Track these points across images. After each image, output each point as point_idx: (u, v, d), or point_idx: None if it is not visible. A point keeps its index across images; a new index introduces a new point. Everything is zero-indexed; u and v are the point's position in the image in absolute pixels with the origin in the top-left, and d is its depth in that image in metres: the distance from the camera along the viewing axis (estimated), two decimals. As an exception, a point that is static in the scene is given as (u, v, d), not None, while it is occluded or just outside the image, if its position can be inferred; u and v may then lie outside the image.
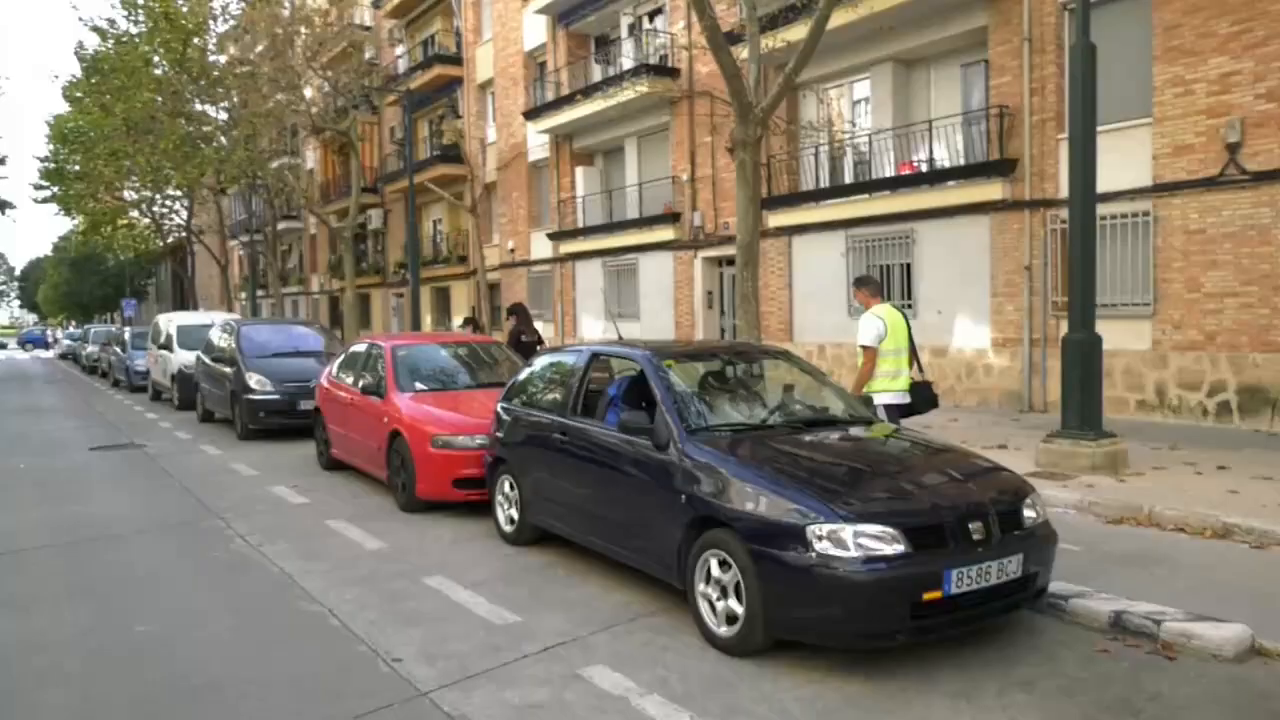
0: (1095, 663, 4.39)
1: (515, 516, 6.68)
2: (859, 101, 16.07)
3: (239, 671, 4.45)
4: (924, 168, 14.09)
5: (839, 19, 12.94)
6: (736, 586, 4.45)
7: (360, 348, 10.26)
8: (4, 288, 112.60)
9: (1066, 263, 9.69)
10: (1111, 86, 10.88)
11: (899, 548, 4.14)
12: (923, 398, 7.58)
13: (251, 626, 5.14)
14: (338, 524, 7.52)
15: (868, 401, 6.20)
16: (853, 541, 4.11)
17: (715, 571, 4.60)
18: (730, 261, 16.73)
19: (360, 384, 9.35)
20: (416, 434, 7.84)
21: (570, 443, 5.99)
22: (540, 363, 7.27)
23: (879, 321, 7.63)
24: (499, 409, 7.11)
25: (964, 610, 4.27)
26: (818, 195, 15.77)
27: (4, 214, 37.52)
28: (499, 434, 6.99)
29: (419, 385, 8.86)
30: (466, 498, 7.56)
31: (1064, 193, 11.50)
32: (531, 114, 22.97)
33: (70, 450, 12.24)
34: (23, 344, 67.95)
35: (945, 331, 14.03)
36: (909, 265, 14.58)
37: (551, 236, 23.11)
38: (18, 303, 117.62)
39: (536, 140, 23.78)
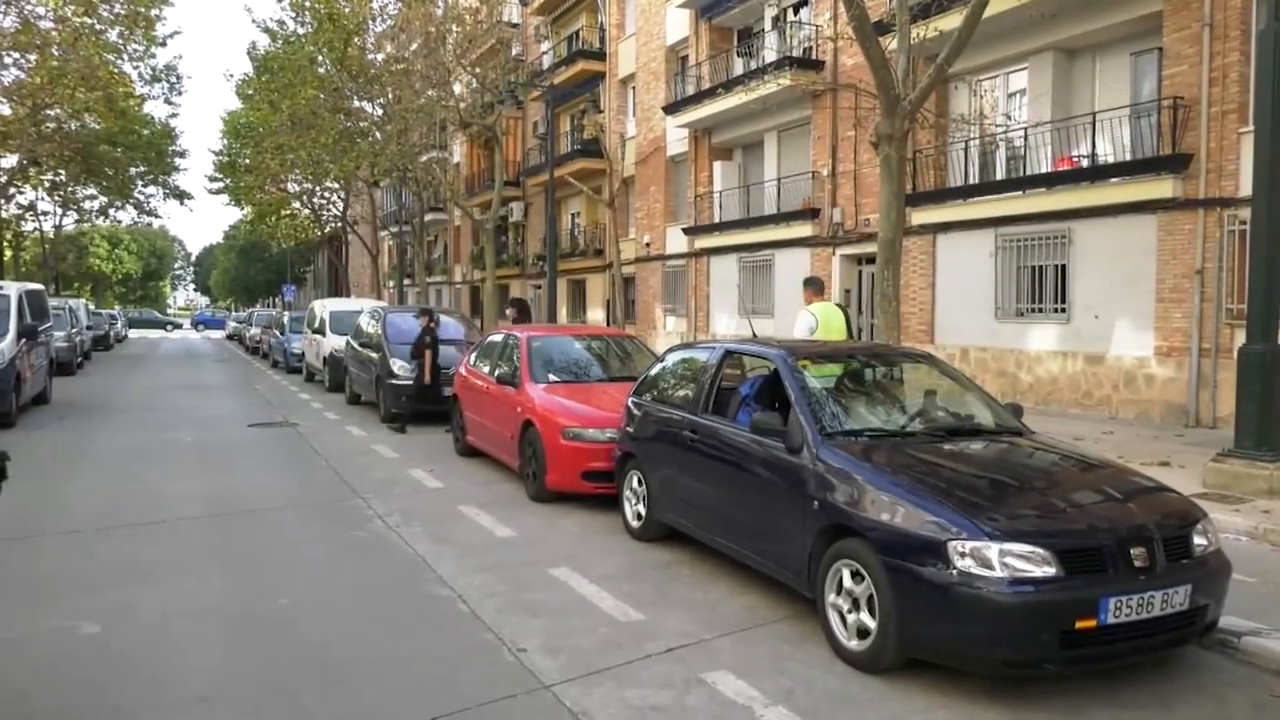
0: (1269, 709, 3.97)
1: (642, 512, 6.65)
2: (1015, 93, 15.26)
3: (371, 650, 4.58)
4: (1085, 163, 13.24)
5: (996, 6, 12.30)
6: (869, 599, 4.26)
7: (497, 338, 10.47)
8: (181, 272, 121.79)
9: (1246, 267, 8.87)
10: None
11: (1049, 570, 3.85)
12: None
13: (385, 606, 5.30)
14: (470, 510, 7.69)
15: (1018, 411, 5.83)
16: (998, 561, 3.85)
17: (847, 582, 4.41)
18: (870, 259, 16.23)
19: (496, 373, 9.55)
20: (548, 425, 7.93)
21: (700, 441, 5.91)
22: (672, 358, 7.22)
23: (811, 317, 8.50)
24: (629, 403, 7.10)
25: (1121, 642, 3.93)
26: (966, 192, 15.09)
27: (183, 204, 40.63)
28: (629, 428, 6.98)
29: (552, 376, 8.96)
30: (595, 490, 7.59)
31: (1246, 191, 10.55)
32: (671, 108, 22.97)
33: (230, 426, 13.05)
34: (195, 325, 73.27)
35: (1102, 338, 13.17)
36: (1063, 267, 13.76)
37: (687, 231, 23.06)
38: (192, 286, 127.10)
39: (675, 135, 23.78)
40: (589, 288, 29.90)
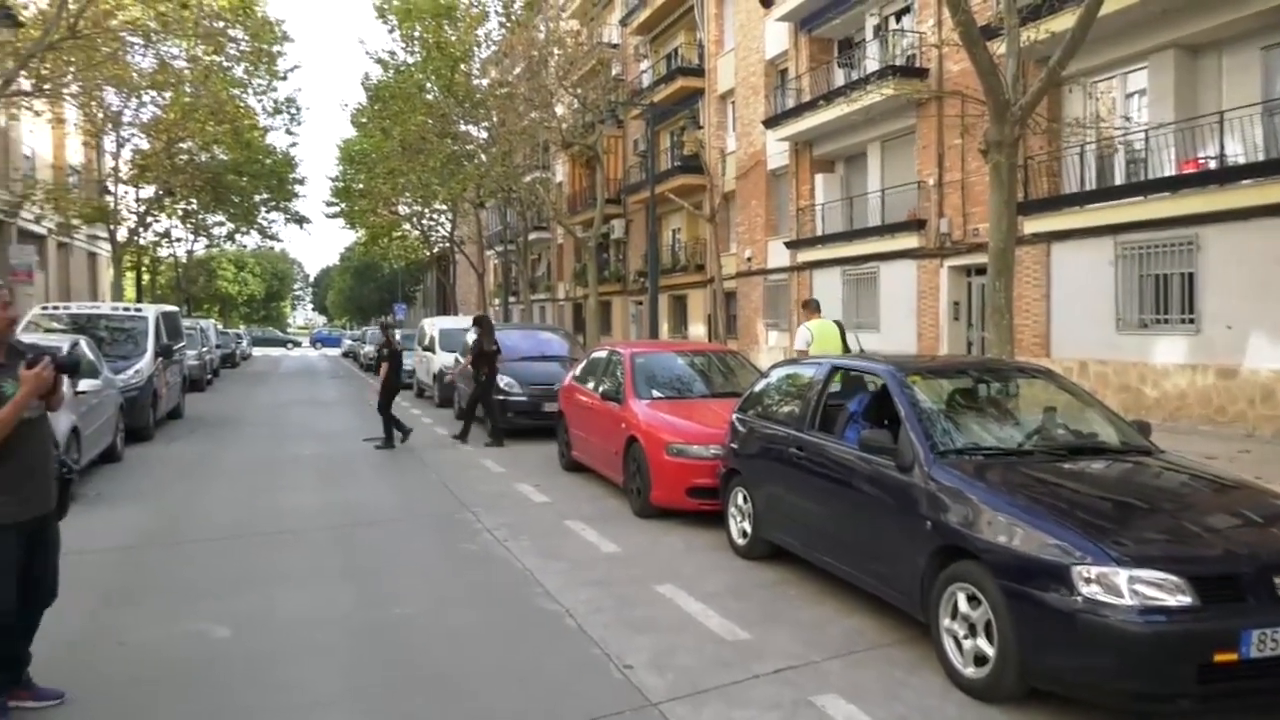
0: None
1: (748, 530, 6.59)
2: (1134, 94, 14.59)
3: (482, 661, 4.66)
4: (1213, 165, 12.54)
5: (1112, 4, 11.80)
6: (987, 625, 4.10)
7: (601, 354, 10.59)
8: (300, 293, 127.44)
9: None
10: None
11: (1184, 599, 3.63)
12: None
13: (495, 619, 5.39)
14: (575, 524, 7.77)
15: (1144, 428, 5.54)
16: (1127, 587, 3.65)
17: (963, 607, 4.26)
18: (980, 270, 15.75)
19: (600, 389, 9.64)
20: (652, 441, 7.96)
21: (806, 458, 5.82)
22: (777, 374, 7.15)
23: (807, 331, 10.00)
24: (734, 419, 7.06)
25: (1265, 679, 3.67)
26: (1082, 198, 14.48)
27: (302, 228, 42.63)
28: (733, 445, 6.94)
29: (656, 392, 9.00)
30: (699, 507, 7.56)
31: (1396, 190, 9.80)
32: (771, 122, 22.84)
33: (347, 440, 13.55)
34: (313, 343, 76.31)
35: (1235, 350, 12.40)
36: (1191, 275, 13.03)
37: (789, 245, 22.86)
38: (310, 306, 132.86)
39: (776, 148, 23.63)
40: (690, 303, 29.91)
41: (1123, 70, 14.61)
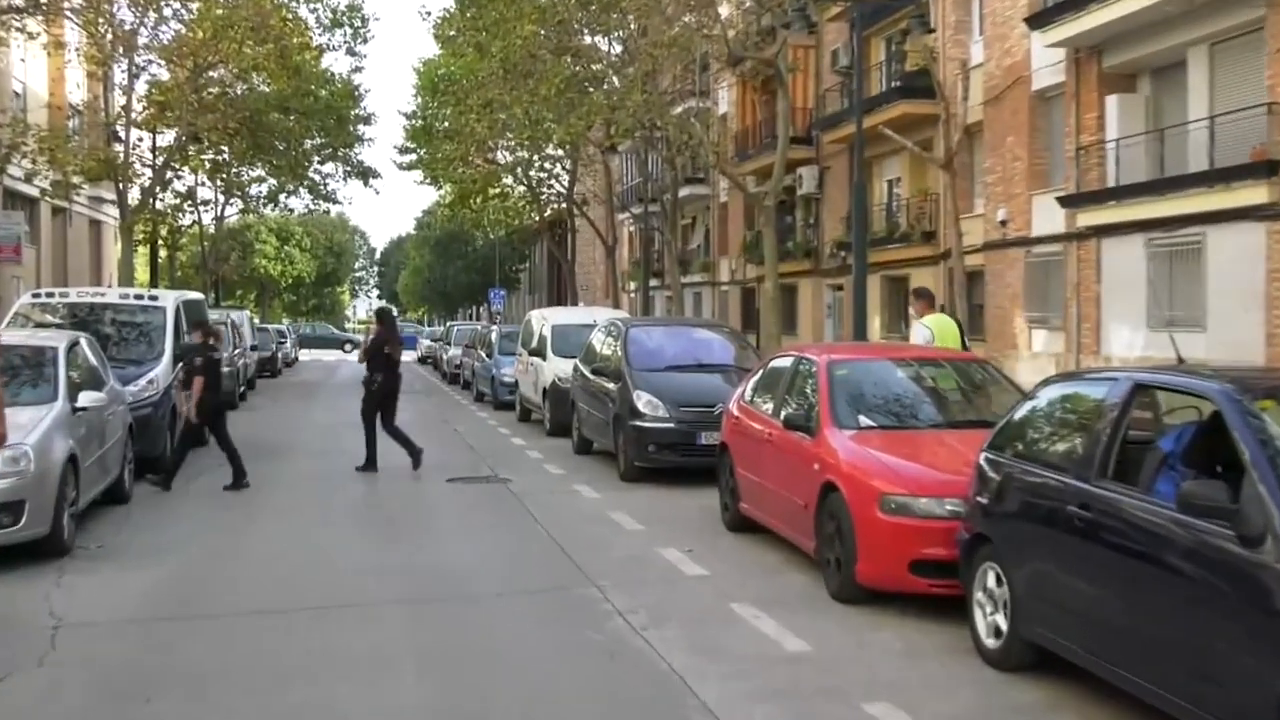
0: None
1: (1003, 625, 6.45)
2: None
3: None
4: None
5: None
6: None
7: (783, 362, 10.60)
8: (363, 273, 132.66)
9: None
10: None
11: None
12: None
13: (631, 741, 5.46)
14: (745, 609, 7.77)
15: None
16: None
17: (1349, 759, 4.03)
18: (1369, 238, 14.82)
19: (782, 414, 9.63)
20: (859, 490, 7.89)
21: (1095, 521, 5.66)
22: (1048, 395, 7.03)
23: (926, 330, 11.73)
24: (982, 462, 6.96)
25: None
26: None
27: (367, 184, 44.43)
28: (982, 499, 6.84)
29: (865, 419, 8.94)
30: (929, 589, 7.45)
31: None
32: (1039, 19, 22.29)
33: (426, 480, 14.06)
34: (380, 343, 78.35)
35: None
36: None
37: (1064, 202, 22.23)
38: (376, 292, 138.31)
39: (1045, 58, 23.05)
40: (914, 286, 29.48)
41: None
